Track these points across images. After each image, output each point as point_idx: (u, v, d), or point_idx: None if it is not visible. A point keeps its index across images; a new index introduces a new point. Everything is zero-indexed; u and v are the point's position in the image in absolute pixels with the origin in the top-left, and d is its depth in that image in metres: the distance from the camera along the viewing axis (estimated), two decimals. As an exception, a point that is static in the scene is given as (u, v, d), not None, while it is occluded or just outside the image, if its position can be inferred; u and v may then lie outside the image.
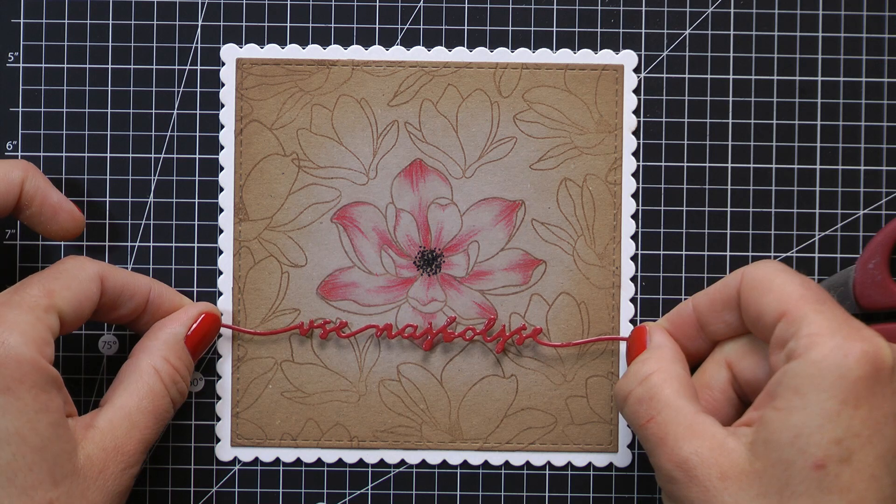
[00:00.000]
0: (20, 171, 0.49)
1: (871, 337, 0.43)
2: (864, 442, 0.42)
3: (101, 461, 0.46)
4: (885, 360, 0.43)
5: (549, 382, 0.54)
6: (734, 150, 0.54)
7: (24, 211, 0.50)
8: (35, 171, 0.50)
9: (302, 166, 0.54)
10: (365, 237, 0.54)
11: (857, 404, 0.42)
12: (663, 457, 0.45)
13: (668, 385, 0.47)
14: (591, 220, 0.54)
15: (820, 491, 0.42)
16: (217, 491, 0.54)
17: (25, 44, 0.54)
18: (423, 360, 0.54)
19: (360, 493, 0.54)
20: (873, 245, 0.53)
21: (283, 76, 0.54)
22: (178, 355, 0.51)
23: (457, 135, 0.54)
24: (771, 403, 0.44)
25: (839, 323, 0.44)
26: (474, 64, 0.54)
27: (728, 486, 0.43)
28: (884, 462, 0.42)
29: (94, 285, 0.48)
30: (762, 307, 0.46)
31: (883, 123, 0.54)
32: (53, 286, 0.47)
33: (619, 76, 0.54)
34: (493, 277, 0.54)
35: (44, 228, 0.51)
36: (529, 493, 0.54)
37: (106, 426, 0.47)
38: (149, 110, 0.54)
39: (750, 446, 0.44)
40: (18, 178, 0.49)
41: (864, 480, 0.42)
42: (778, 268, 0.47)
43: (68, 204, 0.51)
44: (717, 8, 0.54)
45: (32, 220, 0.51)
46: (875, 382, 0.42)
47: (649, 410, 0.47)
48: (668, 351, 0.49)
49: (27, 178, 0.49)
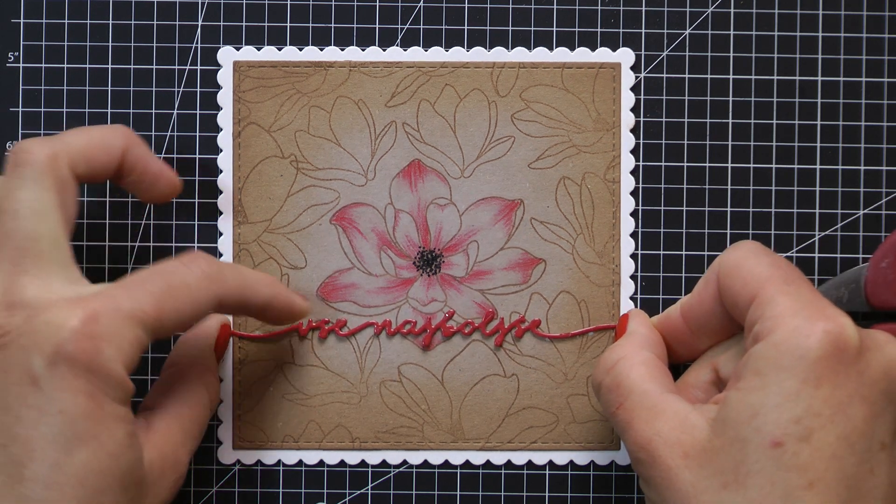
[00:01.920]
0: (121, 140, 0.49)
1: (834, 316, 0.43)
2: (826, 421, 0.42)
3: (160, 468, 0.46)
4: (848, 339, 0.42)
5: (551, 381, 0.54)
6: (734, 150, 0.54)
7: (125, 178, 0.50)
8: (136, 139, 0.49)
9: (300, 168, 0.54)
10: (364, 238, 0.54)
11: (818, 384, 0.42)
12: (629, 441, 0.46)
13: (635, 370, 0.47)
14: (590, 219, 0.54)
15: (777, 469, 0.41)
16: (217, 491, 0.54)
17: (25, 44, 0.54)
18: (423, 361, 0.54)
19: (360, 493, 0.54)
20: (887, 244, 0.52)
21: (281, 78, 0.54)
22: (215, 366, 0.52)
23: (455, 135, 0.54)
24: (734, 385, 0.44)
25: (803, 303, 0.43)
26: (471, 63, 0.54)
27: (689, 464, 0.43)
28: (847, 442, 0.42)
29: (209, 311, 0.47)
30: (735, 293, 0.46)
31: (883, 123, 0.54)
32: (166, 307, 0.45)
33: (616, 74, 0.54)
34: (492, 277, 0.54)
35: (141, 194, 0.51)
36: (530, 493, 0.54)
37: (164, 433, 0.47)
38: (149, 110, 0.54)
39: (712, 423, 0.44)
40: (119, 147, 0.49)
41: (825, 460, 0.41)
42: (749, 249, 0.47)
43: (168, 171, 0.51)
44: (717, 8, 0.54)
45: (130, 187, 0.50)
46: (838, 362, 0.42)
47: (618, 398, 0.47)
48: (637, 337, 0.49)
49: (129, 149, 0.49)
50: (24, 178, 0.45)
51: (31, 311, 0.43)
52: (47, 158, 0.46)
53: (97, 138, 0.48)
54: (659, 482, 0.44)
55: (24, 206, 0.45)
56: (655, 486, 0.44)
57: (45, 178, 0.46)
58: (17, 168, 0.46)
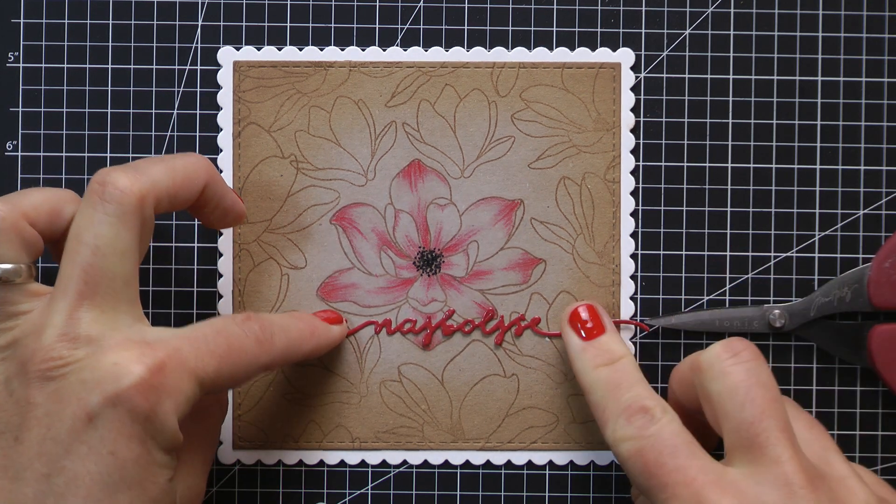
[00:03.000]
0: (204, 175, 0.48)
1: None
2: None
3: (188, 501, 0.47)
4: None
5: (550, 381, 0.54)
6: (734, 150, 0.54)
7: (200, 210, 0.50)
8: (215, 173, 0.49)
9: (300, 168, 0.54)
10: (364, 238, 0.54)
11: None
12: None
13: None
14: (590, 219, 0.54)
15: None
16: (217, 491, 0.54)
17: (25, 44, 0.54)
18: (423, 361, 0.54)
19: (360, 493, 0.54)
20: (890, 244, 0.52)
21: (281, 78, 0.54)
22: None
23: (455, 135, 0.54)
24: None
25: None
26: (471, 64, 0.54)
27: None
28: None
29: (258, 373, 0.47)
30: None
31: (883, 123, 0.54)
32: (225, 371, 0.45)
33: (616, 74, 0.54)
34: (492, 277, 0.54)
35: (208, 223, 0.51)
36: (530, 493, 0.54)
37: (190, 466, 0.48)
38: (149, 110, 0.54)
39: None
40: (202, 183, 0.48)
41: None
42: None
43: (239, 204, 0.51)
44: (717, 8, 0.54)
45: (201, 217, 0.50)
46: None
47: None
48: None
49: (209, 184, 0.48)
50: (109, 214, 0.44)
51: (95, 348, 0.43)
52: (136, 200, 0.45)
53: (182, 174, 0.47)
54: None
55: (105, 244, 0.44)
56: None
57: (132, 219, 0.45)
58: (104, 203, 0.44)
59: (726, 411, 0.45)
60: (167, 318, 0.54)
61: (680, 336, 0.54)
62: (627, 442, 0.46)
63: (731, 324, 0.53)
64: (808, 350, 0.54)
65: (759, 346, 0.54)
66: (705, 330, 0.54)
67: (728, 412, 0.45)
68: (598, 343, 0.51)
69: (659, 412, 0.46)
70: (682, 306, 0.54)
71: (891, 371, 0.52)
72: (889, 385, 0.53)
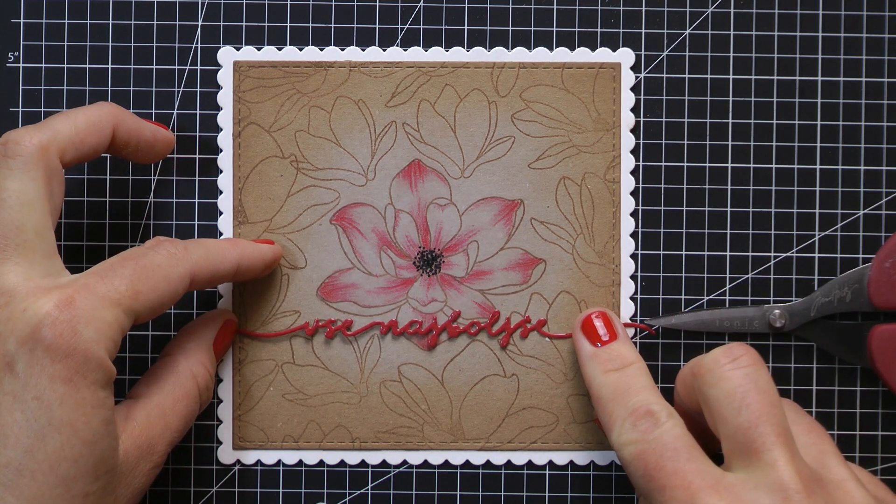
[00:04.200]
0: (109, 119, 0.49)
1: None
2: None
3: (135, 458, 0.46)
4: None
5: (550, 381, 0.54)
6: (734, 150, 0.54)
7: (120, 151, 0.50)
8: (124, 114, 0.50)
9: (300, 168, 0.54)
10: (364, 238, 0.54)
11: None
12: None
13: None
14: (590, 219, 0.54)
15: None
16: (217, 491, 0.54)
17: (25, 44, 0.54)
18: (423, 361, 0.54)
19: (360, 493, 0.54)
20: (891, 244, 0.52)
21: (281, 78, 0.54)
22: (211, 361, 0.51)
23: (455, 135, 0.54)
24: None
25: None
26: (471, 64, 0.54)
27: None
28: None
29: (182, 288, 0.47)
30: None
31: (883, 123, 0.54)
32: (141, 287, 0.45)
33: (616, 74, 0.54)
34: (492, 277, 0.54)
35: (138, 160, 0.52)
36: (530, 494, 0.54)
37: (143, 423, 0.47)
38: (149, 110, 0.54)
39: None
40: (108, 127, 0.49)
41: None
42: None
43: (161, 132, 0.51)
44: (717, 8, 0.54)
45: (127, 157, 0.51)
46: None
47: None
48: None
49: (118, 125, 0.49)
50: (12, 168, 0.46)
51: (8, 299, 0.44)
52: (37, 150, 0.46)
53: (84, 122, 0.48)
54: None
55: (11, 196, 0.45)
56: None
57: (35, 169, 0.46)
58: (6, 159, 0.46)
59: (723, 416, 0.45)
60: (167, 318, 0.54)
61: (680, 336, 0.54)
62: (631, 445, 0.46)
63: (731, 324, 0.53)
64: (808, 350, 0.54)
65: (759, 347, 0.54)
66: (705, 330, 0.54)
67: (725, 417, 0.45)
68: (609, 349, 0.51)
69: (664, 416, 0.46)
70: (682, 306, 0.54)
71: (891, 371, 0.52)
72: (889, 385, 0.53)
